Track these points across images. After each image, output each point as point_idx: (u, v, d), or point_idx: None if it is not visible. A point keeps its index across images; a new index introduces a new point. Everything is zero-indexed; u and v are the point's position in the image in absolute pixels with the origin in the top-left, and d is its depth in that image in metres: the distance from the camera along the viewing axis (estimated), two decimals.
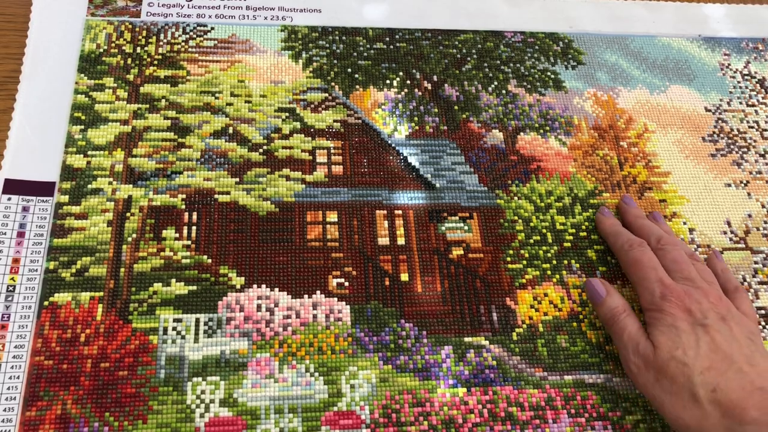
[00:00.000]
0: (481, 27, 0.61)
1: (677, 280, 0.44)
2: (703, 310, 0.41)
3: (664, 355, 0.40)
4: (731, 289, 0.46)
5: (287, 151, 0.52)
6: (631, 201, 0.52)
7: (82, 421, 0.39)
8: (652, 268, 0.44)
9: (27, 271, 0.44)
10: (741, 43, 0.64)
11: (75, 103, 0.50)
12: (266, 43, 0.56)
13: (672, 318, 0.41)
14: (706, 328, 0.40)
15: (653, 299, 0.43)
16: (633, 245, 0.47)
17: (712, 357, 0.39)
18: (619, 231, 0.49)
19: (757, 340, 0.41)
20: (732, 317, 0.42)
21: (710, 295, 0.43)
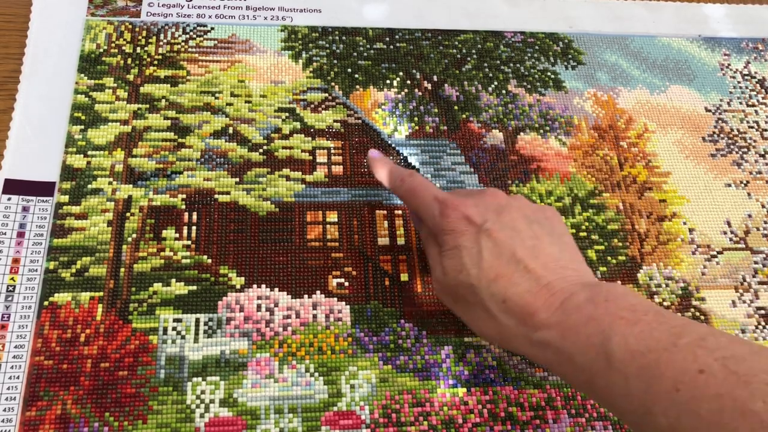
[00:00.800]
0: (481, 27, 0.61)
1: (452, 191, 0.43)
2: (482, 212, 0.40)
3: (450, 280, 0.39)
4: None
5: (287, 151, 0.52)
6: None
7: (82, 421, 0.39)
8: (425, 188, 0.43)
9: (27, 271, 0.44)
10: (741, 43, 0.64)
11: (75, 103, 0.50)
12: (266, 43, 0.56)
13: (453, 237, 0.39)
14: (489, 233, 0.38)
15: (434, 220, 0.41)
16: (404, 178, 0.45)
17: (496, 265, 0.37)
18: (390, 169, 0.46)
19: (538, 220, 0.40)
20: (510, 206, 0.40)
21: (485, 193, 0.42)
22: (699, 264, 0.52)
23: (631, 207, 0.53)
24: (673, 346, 0.31)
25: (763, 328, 0.49)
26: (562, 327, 0.34)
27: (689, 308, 0.49)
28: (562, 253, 0.39)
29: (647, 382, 0.31)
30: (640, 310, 0.33)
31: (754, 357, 0.30)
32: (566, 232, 0.41)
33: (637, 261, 0.51)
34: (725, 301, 0.50)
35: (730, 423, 0.28)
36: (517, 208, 0.40)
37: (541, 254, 0.38)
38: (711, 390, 0.29)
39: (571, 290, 0.36)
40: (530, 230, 0.39)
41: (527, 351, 0.37)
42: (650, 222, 0.53)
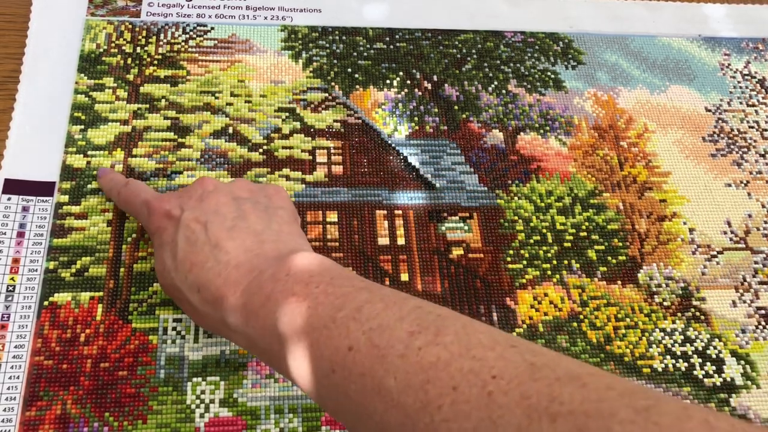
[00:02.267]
0: (481, 27, 0.61)
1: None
2: (181, 204, 0.38)
3: (161, 280, 0.38)
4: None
5: (287, 151, 0.52)
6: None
7: (82, 421, 0.39)
8: (136, 195, 0.41)
9: (27, 271, 0.44)
10: (741, 43, 0.64)
11: (75, 103, 0.50)
12: (266, 43, 0.56)
13: (158, 235, 0.38)
14: (186, 222, 0.37)
15: (145, 223, 0.40)
16: (120, 189, 0.43)
17: (190, 253, 0.35)
18: (111, 186, 0.45)
19: (254, 198, 0.39)
20: (217, 190, 0.39)
21: (194, 184, 0.40)
22: (699, 264, 0.52)
23: (631, 207, 0.53)
24: (332, 322, 0.29)
25: (764, 328, 0.49)
26: (245, 311, 0.33)
27: (689, 308, 0.49)
28: (269, 226, 0.37)
29: (312, 364, 0.29)
30: (314, 282, 0.31)
31: (398, 324, 0.28)
32: (284, 205, 0.40)
33: (637, 261, 0.51)
34: (725, 301, 0.50)
35: (371, 403, 0.27)
36: (225, 192, 0.39)
37: (242, 233, 0.36)
38: (357, 368, 0.28)
39: (261, 267, 0.34)
40: (236, 210, 0.37)
41: (231, 337, 0.35)
42: (650, 222, 0.53)
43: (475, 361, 0.26)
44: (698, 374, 0.47)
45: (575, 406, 0.22)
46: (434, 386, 0.25)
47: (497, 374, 0.25)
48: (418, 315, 0.29)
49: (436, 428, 0.25)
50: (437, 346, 0.27)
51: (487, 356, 0.26)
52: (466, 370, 0.25)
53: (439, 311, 0.29)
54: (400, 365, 0.27)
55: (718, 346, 0.48)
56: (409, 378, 0.26)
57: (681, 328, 0.48)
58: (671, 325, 0.48)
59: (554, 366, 0.25)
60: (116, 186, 0.44)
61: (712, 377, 0.47)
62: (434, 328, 0.28)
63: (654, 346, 0.47)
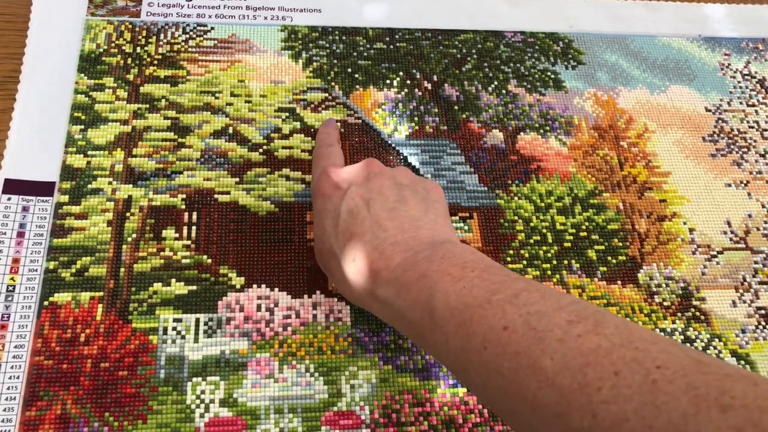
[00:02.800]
0: (481, 27, 0.61)
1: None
2: (350, 179, 0.40)
3: (318, 245, 0.40)
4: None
5: (287, 150, 0.52)
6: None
7: (82, 421, 0.39)
8: (324, 158, 0.44)
9: (27, 271, 0.44)
10: (741, 43, 0.64)
11: (75, 103, 0.50)
12: (266, 43, 0.56)
13: (321, 200, 0.40)
14: (351, 196, 0.39)
15: (312, 184, 0.42)
16: (322, 145, 0.46)
17: (352, 224, 0.38)
18: (322, 138, 0.48)
19: (414, 187, 0.40)
20: (382, 173, 0.41)
21: (363, 163, 0.42)
22: (699, 264, 0.52)
23: (631, 207, 0.53)
24: (487, 303, 0.30)
25: (764, 328, 0.49)
26: (398, 284, 0.34)
27: (689, 308, 0.49)
28: (426, 215, 0.39)
29: (463, 340, 0.30)
30: (468, 267, 0.33)
31: (556, 313, 0.28)
32: (440, 200, 0.41)
33: (637, 261, 0.51)
34: (725, 301, 0.50)
35: (524, 381, 0.27)
36: (389, 176, 0.41)
37: (400, 215, 0.38)
38: (512, 347, 0.28)
39: (416, 249, 0.35)
40: (397, 194, 0.39)
41: (374, 308, 0.37)
42: (650, 222, 0.53)
43: (638, 352, 0.25)
44: None
45: (749, 401, 0.22)
46: (594, 370, 0.25)
47: (662, 365, 0.24)
48: (576, 307, 0.29)
49: (594, 409, 0.24)
50: (597, 335, 0.27)
51: (650, 349, 0.25)
52: (628, 359, 0.25)
53: (598, 308, 0.29)
54: (558, 348, 0.27)
55: (718, 346, 0.48)
56: (567, 360, 0.26)
57: (681, 328, 0.48)
58: (671, 325, 0.48)
59: (722, 365, 0.24)
60: (322, 141, 0.47)
61: None
62: (593, 320, 0.28)
63: None
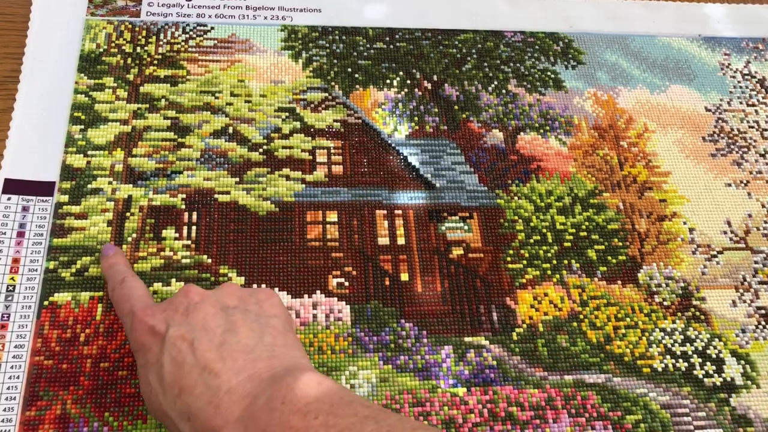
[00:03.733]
0: (481, 27, 0.61)
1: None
2: (167, 317, 0.35)
3: (149, 406, 0.35)
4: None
5: (287, 150, 0.52)
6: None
7: (82, 421, 0.39)
8: (126, 301, 0.38)
9: (27, 271, 0.44)
10: (741, 43, 0.64)
11: (75, 102, 0.50)
12: (266, 42, 0.56)
13: (142, 354, 0.35)
14: (172, 340, 0.34)
15: (128, 335, 0.36)
16: (115, 287, 0.40)
17: (178, 376, 0.33)
18: (109, 274, 0.42)
19: (243, 305, 0.36)
20: (202, 301, 0.36)
21: (181, 291, 0.37)
22: (699, 264, 0.52)
23: (631, 207, 0.53)
24: None
25: (764, 327, 0.49)
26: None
27: (689, 308, 0.49)
28: (261, 340, 0.35)
29: None
30: (311, 412, 0.30)
31: None
32: (277, 314, 0.37)
33: (637, 261, 0.51)
34: (725, 300, 0.50)
35: None
36: (212, 302, 0.36)
37: (233, 351, 0.34)
38: None
39: (255, 392, 0.32)
40: (226, 323, 0.35)
41: None
42: (650, 222, 0.53)
43: None
44: (698, 374, 0.47)
45: None
46: None
47: None
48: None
49: None
50: None
51: None
52: None
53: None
54: None
55: (718, 345, 0.48)
56: None
57: (681, 327, 0.48)
58: (671, 325, 0.48)
59: None
60: (112, 280, 0.41)
61: (712, 377, 0.47)
62: None
63: (654, 345, 0.47)
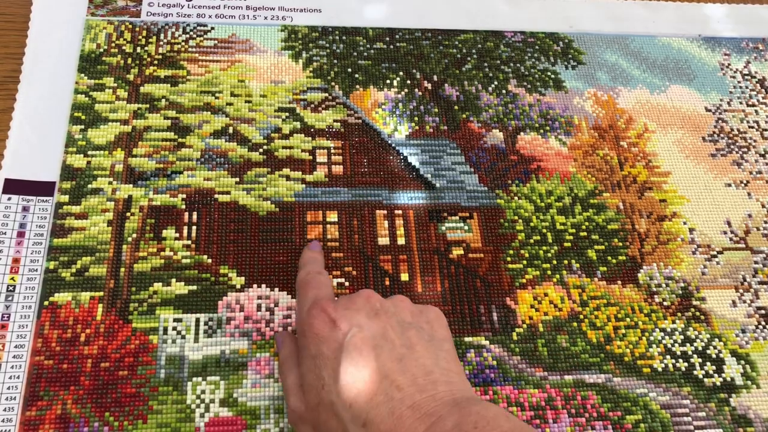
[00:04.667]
0: (481, 27, 0.61)
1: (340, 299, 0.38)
2: (350, 316, 0.35)
3: (312, 400, 0.34)
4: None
5: (287, 151, 0.52)
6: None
7: (82, 421, 0.39)
8: (314, 288, 0.39)
9: (27, 271, 0.44)
10: (741, 43, 0.64)
11: (75, 103, 0.50)
12: (266, 43, 0.56)
13: (315, 342, 0.35)
14: (354, 340, 0.34)
15: (301, 315, 0.37)
16: (311, 272, 0.41)
17: (358, 379, 0.33)
18: (308, 261, 0.43)
19: (417, 323, 0.37)
20: (386, 310, 0.36)
21: (363, 294, 0.37)
22: (699, 264, 0.52)
23: (631, 207, 0.53)
24: None
25: (764, 328, 0.49)
26: None
27: (689, 308, 0.49)
28: (437, 364, 0.35)
29: None
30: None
31: None
32: (447, 338, 0.37)
33: (637, 261, 0.51)
34: (725, 300, 0.50)
35: None
36: (392, 313, 0.37)
37: (412, 367, 0.34)
38: None
39: (439, 412, 0.32)
40: (403, 338, 0.35)
41: None
42: (650, 222, 0.53)
43: None
44: (698, 374, 0.47)
45: None
46: None
47: None
48: None
49: None
50: None
51: None
52: None
53: None
54: None
55: (718, 346, 0.48)
56: None
57: (681, 328, 0.48)
58: (671, 325, 0.48)
59: None
60: (309, 266, 0.42)
61: (712, 377, 0.47)
62: None
63: (654, 346, 0.47)
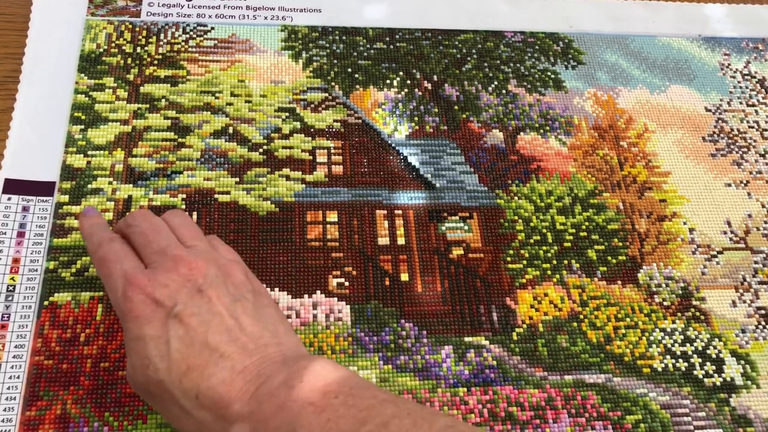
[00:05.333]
0: (481, 27, 0.61)
1: (148, 260, 0.37)
2: (173, 293, 0.34)
3: (139, 378, 0.34)
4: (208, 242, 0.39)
5: (287, 151, 0.52)
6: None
7: (82, 421, 0.39)
8: (116, 261, 0.37)
9: (27, 271, 0.44)
10: (741, 43, 0.64)
11: (75, 103, 0.50)
12: (266, 43, 0.56)
13: (137, 324, 0.34)
14: (179, 317, 0.34)
15: (117, 301, 0.35)
16: (102, 242, 0.38)
17: (187, 355, 0.33)
18: (92, 232, 0.40)
19: (242, 296, 0.36)
20: (210, 283, 0.36)
21: (182, 264, 0.36)
22: (699, 264, 0.52)
23: (631, 207, 0.53)
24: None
25: (764, 328, 0.49)
26: (254, 419, 0.31)
27: (689, 308, 0.49)
28: (266, 328, 0.35)
29: None
30: (331, 392, 0.30)
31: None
32: (271, 303, 0.38)
33: (637, 261, 0.51)
34: (725, 300, 0.50)
35: None
36: (219, 282, 0.36)
37: (240, 336, 0.34)
38: None
39: (269, 372, 0.32)
40: (231, 309, 0.35)
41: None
42: (650, 222, 0.53)
43: None
44: (698, 374, 0.47)
45: None
46: None
47: None
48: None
49: None
50: None
51: None
52: None
53: (473, 428, 0.29)
54: None
55: (718, 346, 0.48)
56: None
57: (681, 328, 0.48)
58: (671, 325, 0.48)
59: None
60: (99, 238, 0.39)
61: (712, 377, 0.47)
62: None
63: (654, 346, 0.47)
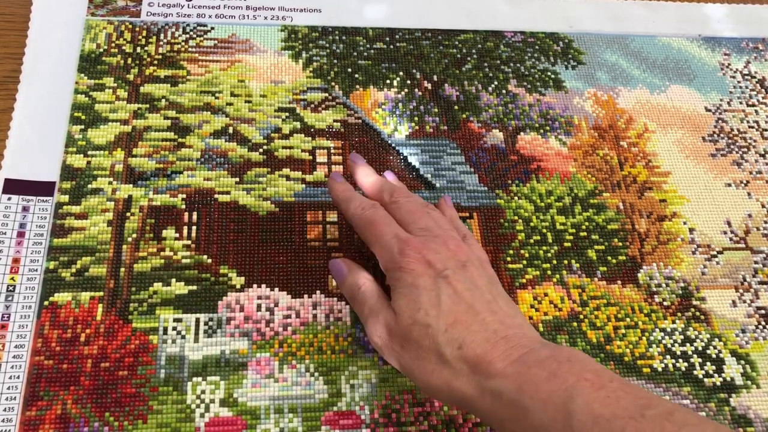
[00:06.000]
0: (481, 27, 0.61)
1: (414, 232, 0.41)
2: (443, 260, 0.39)
3: (405, 320, 0.37)
4: (461, 237, 0.44)
5: (287, 151, 0.52)
6: (359, 159, 0.47)
7: (82, 421, 0.39)
8: (386, 224, 0.41)
9: (27, 271, 0.44)
10: (741, 43, 0.64)
11: (75, 103, 0.50)
12: (266, 43, 0.56)
13: (412, 276, 0.38)
14: (448, 280, 0.38)
15: (392, 256, 0.39)
16: (365, 207, 0.43)
17: (455, 310, 0.37)
18: (350, 196, 0.44)
19: (495, 283, 0.40)
20: (472, 263, 0.40)
21: (449, 242, 0.40)
22: (699, 264, 0.52)
23: (631, 207, 0.53)
24: (641, 417, 0.30)
25: (764, 328, 0.49)
26: (520, 379, 0.33)
27: (689, 308, 0.49)
28: (517, 312, 0.39)
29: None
30: (605, 377, 0.32)
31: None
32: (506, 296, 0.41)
33: (637, 261, 0.51)
34: (725, 300, 0.50)
35: None
36: (479, 268, 0.40)
37: (498, 310, 0.38)
38: None
39: (531, 346, 0.35)
40: (488, 288, 0.39)
41: (477, 402, 0.35)
42: (650, 222, 0.53)
43: None
44: (698, 374, 0.47)
45: None
46: None
47: None
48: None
49: None
50: None
51: None
52: None
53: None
54: None
55: (718, 346, 0.48)
56: None
57: (681, 328, 0.48)
58: (671, 325, 0.48)
59: None
60: (362, 203, 0.43)
61: (712, 377, 0.47)
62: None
63: (654, 346, 0.47)
